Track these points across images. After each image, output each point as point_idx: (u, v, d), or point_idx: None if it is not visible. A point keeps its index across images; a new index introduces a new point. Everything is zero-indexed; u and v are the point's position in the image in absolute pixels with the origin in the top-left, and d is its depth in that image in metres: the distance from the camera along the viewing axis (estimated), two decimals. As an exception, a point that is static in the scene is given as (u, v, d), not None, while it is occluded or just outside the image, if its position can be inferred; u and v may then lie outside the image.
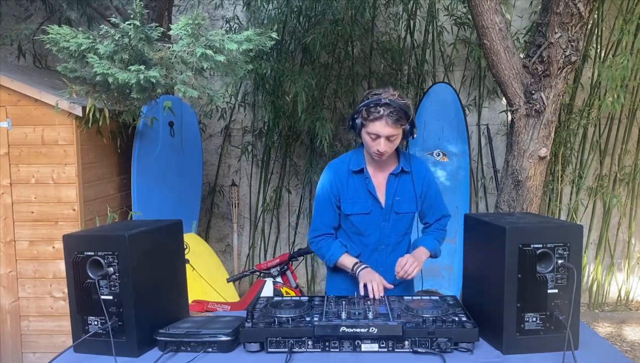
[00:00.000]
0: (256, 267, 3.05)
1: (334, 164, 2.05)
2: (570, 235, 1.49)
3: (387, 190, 1.99)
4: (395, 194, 1.99)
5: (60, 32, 2.58)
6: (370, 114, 1.82)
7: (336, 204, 2.01)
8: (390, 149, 1.87)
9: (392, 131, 1.83)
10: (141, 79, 2.58)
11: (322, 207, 2.03)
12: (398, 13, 4.36)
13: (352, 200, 1.98)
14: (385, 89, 1.87)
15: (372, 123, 1.83)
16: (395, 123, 1.82)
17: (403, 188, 1.99)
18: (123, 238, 1.50)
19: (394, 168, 1.99)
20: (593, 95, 4.21)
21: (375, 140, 1.85)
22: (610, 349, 1.60)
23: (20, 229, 3.15)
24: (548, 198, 4.31)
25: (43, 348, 3.20)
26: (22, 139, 3.09)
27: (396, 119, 1.81)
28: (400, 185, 1.99)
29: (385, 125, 1.81)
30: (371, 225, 2.00)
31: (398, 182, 1.99)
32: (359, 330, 1.49)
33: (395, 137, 1.85)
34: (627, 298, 4.54)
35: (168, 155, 3.71)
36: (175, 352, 1.55)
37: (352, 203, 1.98)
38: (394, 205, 1.99)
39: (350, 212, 1.99)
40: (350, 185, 1.99)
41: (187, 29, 2.55)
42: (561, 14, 2.74)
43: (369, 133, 1.86)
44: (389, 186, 1.99)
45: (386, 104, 1.80)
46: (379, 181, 1.99)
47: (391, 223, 2.01)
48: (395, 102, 1.81)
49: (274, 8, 4.14)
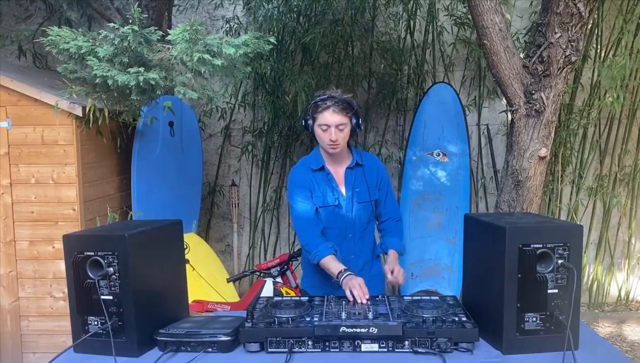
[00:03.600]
0: (256, 267, 3.05)
1: (297, 167, 2.21)
2: (570, 235, 1.49)
3: (346, 183, 2.16)
4: (355, 186, 2.16)
5: (60, 34, 2.58)
6: (319, 107, 2.02)
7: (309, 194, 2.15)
8: (341, 138, 2.04)
9: (340, 119, 2.00)
10: (141, 80, 2.58)
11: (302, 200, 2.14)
12: (398, 13, 4.36)
13: (322, 194, 2.14)
14: (329, 88, 2.09)
15: (321, 114, 2.01)
16: (342, 111, 2.00)
17: (360, 179, 2.16)
18: (123, 238, 1.50)
19: (349, 163, 2.16)
20: (593, 95, 4.21)
21: (326, 131, 2.02)
22: (610, 349, 1.60)
23: (20, 229, 3.15)
24: (548, 198, 4.31)
25: (43, 348, 3.20)
26: (22, 139, 3.09)
27: (342, 108, 2.00)
28: (357, 177, 2.16)
29: (332, 113, 2.00)
30: (337, 217, 2.15)
31: (355, 175, 2.16)
32: (359, 330, 1.49)
33: (344, 126, 2.02)
34: (627, 298, 4.54)
35: (168, 155, 3.71)
36: (175, 352, 1.55)
37: (322, 197, 2.14)
38: (354, 196, 2.15)
39: (320, 205, 2.13)
40: (315, 183, 2.15)
41: (185, 35, 2.55)
42: (561, 14, 2.74)
43: (319, 125, 2.03)
44: (347, 179, 2.16)
45: (331, 97, 2.01)
46: (338, 176, 2.16)
47: (354, 212, 2.16)
48: (339, 95, 2.03)
49: (273, 7, 4.13)
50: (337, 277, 1.94)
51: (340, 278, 1.92)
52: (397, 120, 4.52)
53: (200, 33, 2.61)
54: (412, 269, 3.96)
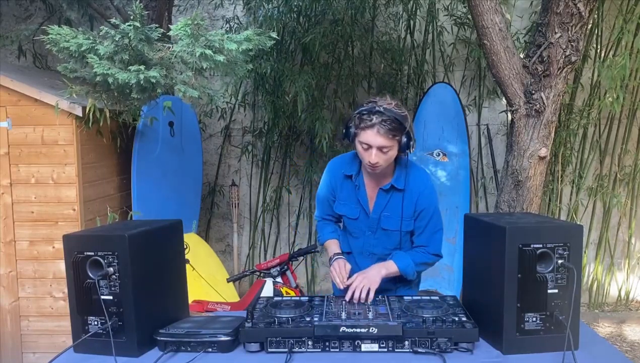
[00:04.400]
0: (256, 267, 3.05)
1: (334, 162, 2.04)
2: (570, 235, 1.49)
3: (375, 204, 1.93)
4: (384, 210, 1.92)
5: (61, 33, 2.58)
6: (362, 122, 1.73)
7: (333, 200, 2.05)
8: (383, 161, 1.78)
9: (384, 142, 1.72)
10: (141, 79, 2.58)
11: (322, 199, 2.09)
12: (398, 13, 4.36)
13: (344, 202, 1.99)
14: (382, 97, 1.79)
15: (363, 131, 1.74)
16: (388, 133, 1.71)
17: (393, 205, 1.91)
18: (123, 238, 1.50)
19: (386, 182, 1.90)
20: (593, 95, 4.21)
21: (367, 151, 1.76)
22: (610, 349, 1.60)
23: (20, 229, 3.15)
24: (548, 198, 4.31)
25: (43, 348, 3.20)
26: (22, 139, 3.09)
27: (389, 128, 1.71)
28: (391, 201, 1.91)
29: (376, 135, 1.71)
30: (358, 230, 2.01)
31: (389, 199, 1.91)
32: (359, 330, 1.49)
33: (388, 148, 1.75)
34: (627, 298, 4.54)
35: (168, 155, 3.70)
36: (175, 352, 1.55)
37: (343, 205, 2.00)
38: (380, 220, 1.94)
39: (340, 212, 2.03)
40: (343, 188, 1.98)
41: (187, 30, 2.55)
42: (561, 14, 2.74)
43: (360, 142, 1.77)
44: (378, 200, 1.93)
45: (379, 112, 1.71)
46: (371, 191, 1.94)
47: (377, 235, 1.97)
48: (390, 110, 1.71)
49: (273, 7, 4.13)
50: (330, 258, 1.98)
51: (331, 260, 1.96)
52: (397, 120, 4.51)
53: (202, 28, 2.61)
54: (412, 269, 3.96)
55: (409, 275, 1.93)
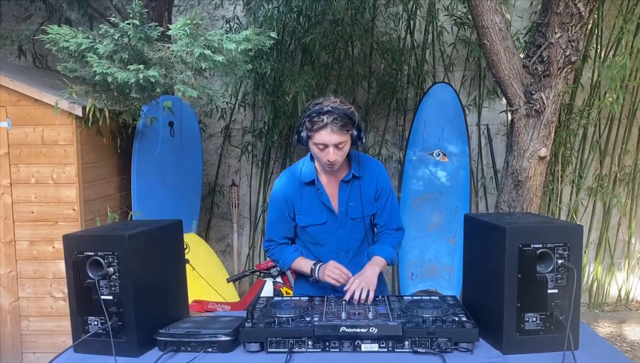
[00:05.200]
0: (256, 267, 3.05)
1: (284, 177, 2.02)
2: (570, 235, 1.49)
3: (339, 198, 1.96)
4: (349, 200, 1.96)
5: (60, 32, 2.58)
6: (314, 124, 1.77)
7: (290, 216, 2.00)
8: (340, 157, 1.83)
9: (339, 138, 1.78)
10: (140, 78, 2.58)
11: (275, 220, 2.02)
12: (398, 13, 4.36)
13: (307, 211, 1.97)
14: (326, 97, 1.84)
15: (317, 133, 1.78)
16: (341, 129, 1.77)
17: (355, 193, 1.96)
18: (123, 238, 1.50)
19: (344, 174, 1.95)
20: (593, 95, 4.21)
21: (323, 150, 1.81)
22: (610, 349, 1.60)
23: (20, 229, 3.15)
24: (548, 198, 4.31)
25: (43, 348, 3.20)
26: (22, 139, 3.09)
27: (341, 125, 1.77)
28: (353, 190, 1.96)
29: (330, 133, 1.77)
30: (328, 234, 1.99)
31: (350, 188, 1.96)
32: (359, 330, 1.49)
33: (343, 144, 1.81)
34: (627, 298, 4.54)
35: (168, 155, 3.70)
36: (175, 352, 1.55)
37: (307, 215, 1.97)
38: (348, 211, 1.96)
39: (305, 223, 1.98)
40: (304, 197, 1.97)
41: (186, 29, 2.54)
42: (561, 14, 2.74)
43: (316, 144, 1.80)
44: (342, 193, 1.96)
45: (328, 111, 1.76)
46: (331, 189, 1.97)
47: (347, 229, 1.99)
48: (338, 108, 1.77)
49: (273, 8, 4.14)
50: (312, 274, 1.92)
51: (315, 274, 1.91)
52: (397, 120, 4.52)
53: (201, 28, 2.61)
54: (412, 269, 3.96)
55: (394, 260, 2.02)
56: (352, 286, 1.78)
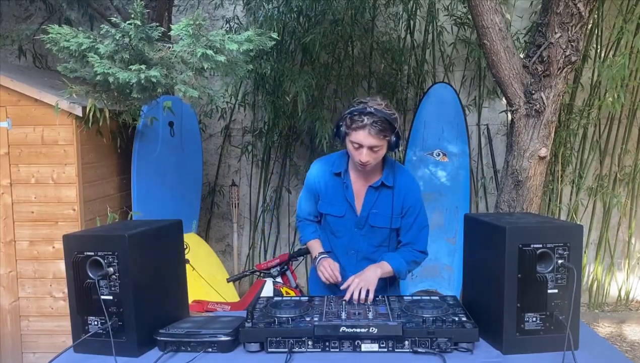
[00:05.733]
0: (256, 267, 3.04)
1: (320, 162, 2.06)
2: (570, 235, 1.49)
3: (364, 202, 1.96)
4: (373, 207, 1.95)
5: (61, 32, 2.58)
6: (354, 122, 1.78)
7: (316, 200, 2.06)
8: (373, 159, 1.83)
9: (375, 142, 1.78)
10: (142, 78, 2.58)
11: (305, 199, 2.11)
12: (398, 13, 4.36)
13: (329, 201, 2.00)
14: (373, 98, 1.83)
15: (354, 132, 1.78)
16: (379, 133, 1.76)
17: (382, 202, 1.95)
18: (123, 238, 1.50)
19: (375, 180, 1.94)
20: (593, 95, 4.21)
21: (357, 150, 1.81)
22: (610, 349, 1.60)
23: (20, 229, 3.15)
24: (548, 198, 4.31)
25: (43, 348, 3.20)
26: (22, 139, 3.09)
27: (380, 129, 1.76)
28: (380, 198, 1.95)
29: (367, 135, 1.76)
30: (343, 228, 2.01)
31: (378, 196, 1.95)
32: (359, 330, 1.49)
33: (378, 148, 1.80)
34: (627, 298, 4.54)
35: (168, 155, 3.70)
36: (175, 352, 1.55)
37: (328, 204, 2.00)
38: (369, 217, 1.97)
39: (324, 211, 2.02)
40: (329, 187, 1.99)
41: (188, 30, 2.55)
42: (561, 14, 2.74)
43: (352, 142, 1.81)
44: (367, 198, 1.96)
45: (370, 113, 1.76)
46: (358, 189, 1.97)
47: (364, 232, 1.99)
48: (381, 111, 1.76)
49: (273, 8, 4.14)
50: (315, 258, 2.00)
51: (316, 262, 1.98)
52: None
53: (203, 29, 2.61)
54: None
55: (402, 273, 1.97)
56: (352, 286, 1.77)
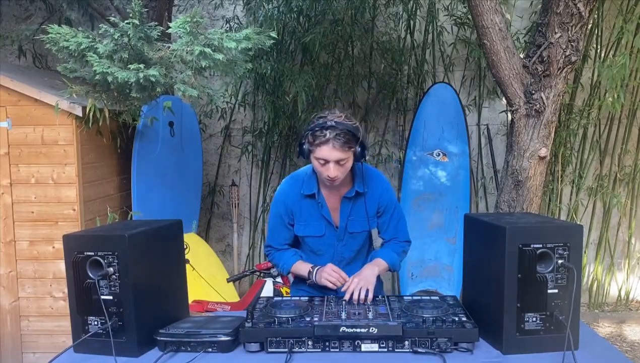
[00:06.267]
0: (256, 267, 3.04)
1: (287, 184, 1.99)
2: (570, 235, 1.49)
3: (341, 213, 1.95)
4: (350, 215, 1.95)
5: (60, 32, 2.58)
6: (316, 138, 1.73)
7: (289, 224, 1.98)
8: (341, 173, 1.79)
9: (340, 155, 1.74)
10: (141, 77, 2.58)
11: (276, 227, 2.01)
12: (398, 13, 4.36)
13: (305, 222, 1.96)
14: (332, 111, 1.79)
15: (318, 148, 1.74)
16: (343, 146, 1.72)
17: (357, 209, 1.95)
18: (123, 238, 1.50)
19: (347, 190, 1.92)
20: (593, 95, 4.21)
21: (324, 165, 1.77)
22: (610, 349, 1.60)
23: (20, 229, 3.15)
24: (548, 198, 4.31)
25: (43, 348, 3.20)
26: (22, 139, 3.09)
27: (343, 141, 1.72)
28: (355, 207, 1.94)
29: (332, 149, 1.72)
30: (325, 245, 1.99)
31: (352, 205, 1.94)
32: (359, 330, 1.49)
33: (345, 160, 1.77)
34: (627, 298, 4.54)
35: (168, 155, 3.70)
36: (175, 352, 1.55)
37: (305, 226, 1.96)
38: (347, 226, 1.96)
39: (303, 234, 1.98)
40: (304, 208, 1.95)
41: (186, 27, 2.54)
42: (561, 14, 2.74)
43: (317, 158, 1.77)
44: (343, 209, 1.94)
45: (332, 126, 1.71)
46: (332, 203, 1.95)
47: (344, 241, 1.99)
48: (342, 123, 1.72)
49: (273, 8, 4.14)
50: (309, 276, 1.92)
51: (312, 277, 1.91)
52: (397, 120, 4.52)
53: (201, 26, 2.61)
54: (412, 269, 3.96)
55: (396, 266, 2.01)
56: (351, 286, 1.77)
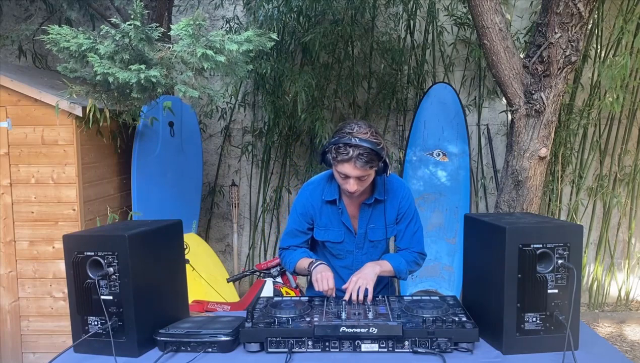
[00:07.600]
0: (256, 267, 3.04)
1: (308, 189, 1.98)
2: (570, 235, 1.49)
3: (359, 219, 1.94)
4: (369, 222, 1.94)
5: (61, 32, 2.59)
6: (339, 155, 1.71)
7: (308, 228, 1.98)
8: (361, 187, 1.79)
9: (362, 173, 1.73)
10: (142, 78, 2.58)
11: (291, 231, 2.01)
12: (398, 13, 4.36)
13: (325, 228, 1.95)
14: (359, 124, 1.75)
15: (340, 164, 1.73)
16: (365, 165, 1.70)
17: (377, 216, 1.93)
18: (123, 238, 1.50)
19: (366, 197, 1.91)
20: (593, 95, 4.21)
21: (344, 179, 1.77)
22: (610, 349, 1.60)
23: (20, 229, 3.15)
24: (548, 198, 4.31)
25: (43, 348, 3.20)
26: (22, 139, 3.09)
27: (366, 161, 1.70)
28: (375, 213, 1.93)
29: (354, 168, 1.71)
30: (343, 251, 1.98)
31: (372, 211, 1.93)
32: (359, 330, 1.49)
33: (366, 177, 1.76)
34: (627, 298, 4.54)
35: (168, 155, 3.71)
36: (175, 352, 1.55)
37: (325, 231, 1.96)
38: (367, 234, 1.95)
39: (322, 238, 1.97)
40: (324, 214, 1.94)
41: (188, 30, 2.55)
42: (561, 14, 2.74)
43: (338, 172, 1.77)
44: (362, 215, 1.93)
45: (356, 145, 1.69)
46: (352, 209, 1.94)
47: (365, 250, 1.98)
48: (367, 141, 1.69)
49: (273, 8, 4.14)
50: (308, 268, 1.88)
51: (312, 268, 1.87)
52: (397, 120, 4.52)
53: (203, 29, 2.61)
54: (412, 269, 3.96)
55: (402, 273, 1.95)
56: (350, 285, 1.77)
